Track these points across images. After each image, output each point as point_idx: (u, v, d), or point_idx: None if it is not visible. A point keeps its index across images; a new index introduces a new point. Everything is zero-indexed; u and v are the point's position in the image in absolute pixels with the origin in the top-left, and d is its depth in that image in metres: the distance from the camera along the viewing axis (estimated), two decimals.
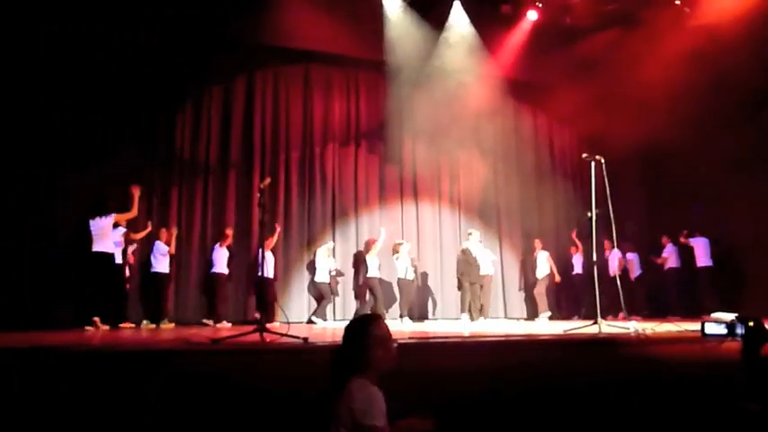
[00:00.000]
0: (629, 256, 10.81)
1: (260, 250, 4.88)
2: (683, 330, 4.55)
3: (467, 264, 9.67)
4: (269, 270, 9.07)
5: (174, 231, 8.83)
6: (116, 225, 7.70)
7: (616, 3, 10.52)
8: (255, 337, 4.03)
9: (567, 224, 11.69)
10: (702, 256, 10.11)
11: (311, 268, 9.87)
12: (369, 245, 9.78)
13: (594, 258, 5.15)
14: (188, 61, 9.32)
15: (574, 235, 11.03)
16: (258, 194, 4.46)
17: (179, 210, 9.32)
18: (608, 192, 5.25)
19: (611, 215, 5.34)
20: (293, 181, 10.20)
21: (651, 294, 10.77)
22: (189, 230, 9.31)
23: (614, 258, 10.21)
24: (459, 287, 9.76)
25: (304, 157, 10.32)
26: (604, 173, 5.22)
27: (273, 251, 9.47)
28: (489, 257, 10.19)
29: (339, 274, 10.04)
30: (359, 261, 10.17)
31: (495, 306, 11.07)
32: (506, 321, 10.55)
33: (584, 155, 5.44)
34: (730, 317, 5.40)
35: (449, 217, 11.23)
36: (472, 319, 9.46)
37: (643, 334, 4.14)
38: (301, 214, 10.19)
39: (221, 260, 9.09)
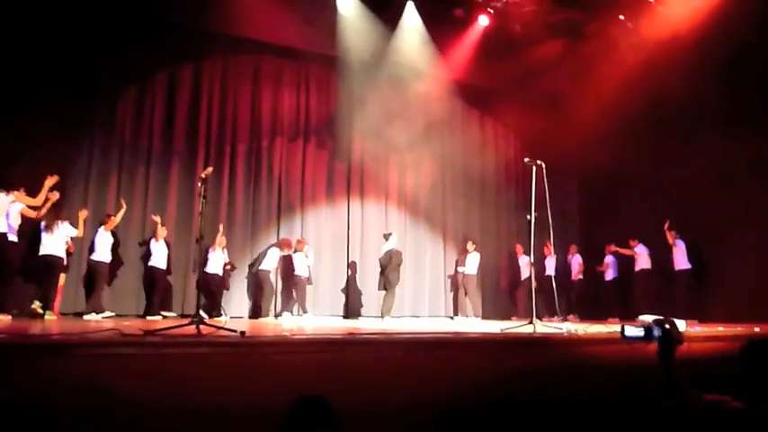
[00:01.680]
0: (607, 259, 10.97)
1: (200, 246, 4.76)
2: (613, 332, 4.74)
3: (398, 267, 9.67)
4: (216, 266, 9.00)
5: (83, 214, 8.07)
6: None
7: (563, 14, 10.84)
8: (192, 329, 3.95)
9: (508, 227, 12.00)
10: (680, 259, 9.72)
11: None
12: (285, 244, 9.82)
13: (532, 260, 5.31)
14: (131, 43, 8.99)
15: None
16: (199, 184, 4.35)
17: (116, 197, 8.97)
18: (547, 196, 5.40)
19: (550, 219, 5.52)
20: (239, 173, 10.02)
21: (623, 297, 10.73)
22: (127, 220, 8.96)
23: (551, 261, 10.57)
24: (387, 288, 9.56)
25: (251, 149, 10.17)
26: (545, 177, 5.39)
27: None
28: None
29: (233, 267, 9.63)
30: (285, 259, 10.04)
31: (433, 305, 11.24)
32: (442, 320, 10.75)
33: (527, 159, 5.59)
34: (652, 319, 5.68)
35: (395, 215, 11.29)
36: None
37: (575, 334, 4.30)
38: (246, 208, 10.03)
39: (156, 253, 8.74)
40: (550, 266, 11.33)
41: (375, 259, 10.71)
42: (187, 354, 3.05)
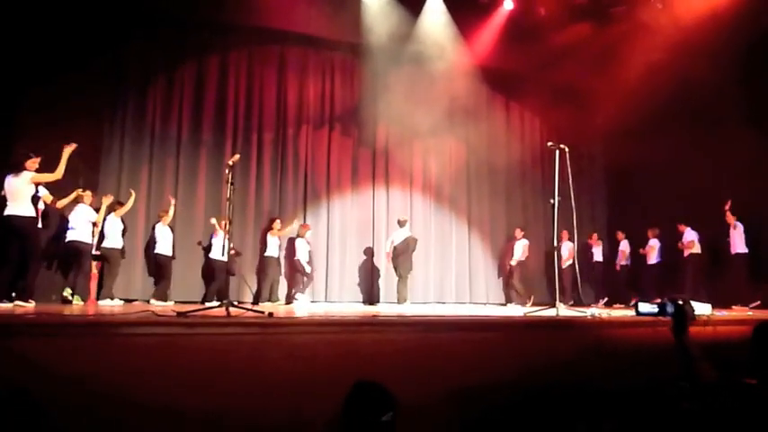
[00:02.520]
0: (651, 242, 10.77)
1: (229, 231, 4.89)
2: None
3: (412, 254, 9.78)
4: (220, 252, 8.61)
5: (106, 200, 7.98)
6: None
7: None
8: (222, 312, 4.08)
9: (535, 213, 11.95)
10: (738, 242, 9.38)
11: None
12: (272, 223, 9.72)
13: (555, 244, 5.32)
14: (159, 36, 9.21)
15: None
16: (227, 171, 4.46)
17: (149, 185, 9.23)
18: (570, 180, 5.40)
19: (573, 204, 5.50)
20: (265, 162, 10.18)
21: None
22: (158, 207, 9.20)
23: (567, 247, 10.76)
24: (403, 275, 9.72)
25: (277, 138, 10.31)
26: (567, 162, 5.37)
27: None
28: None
29: (237, 253, 9.57)
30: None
31: (460, 291, 11.28)
32: (474, 306, 10.78)
33: (550, 143, 5.57)
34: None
35: (419, 201, 11.33)
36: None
37: (599, 317, 4.31)
38: (273, 195, 10.19)
39: (162, 240, 8.77)
40: (598, 253, 11.34)
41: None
42: (216, 334, 3.17)
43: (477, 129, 11.56)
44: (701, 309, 5.12)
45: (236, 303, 4.19)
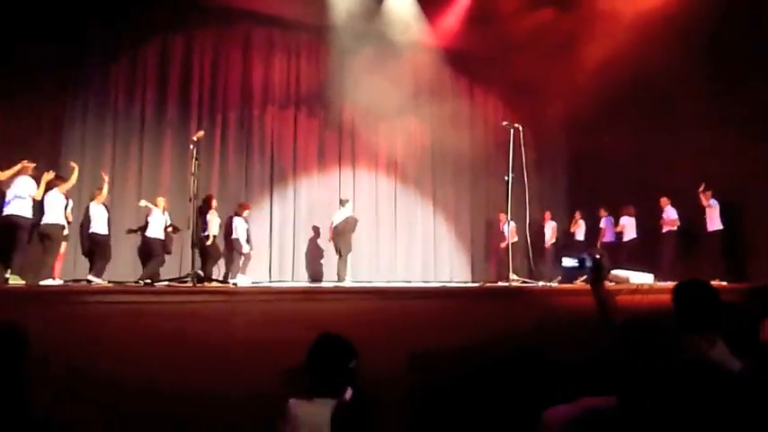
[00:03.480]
0: (623, 220, 10.75)
1: (193, 205, 4.99)
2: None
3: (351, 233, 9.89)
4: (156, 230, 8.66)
5: (47, 176, 7.47)
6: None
7: None
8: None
9: (498, 194, 12.23)
10: (715, 220, 9.48)
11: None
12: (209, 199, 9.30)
13: (509, 218, 5.56)
14: (122, 12, 9.09)
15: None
16: (191, 147, 4.55)
17: (112, 164, 9.18)
18: (524, 158, 5.63)
19: (526, 181, 5.73)
20: (230, 142, 10.20)
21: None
22: (122, 189, 9.17)
23: (550, 227, 11.27)
24: (342, 254, 9.75)
25: (242, 118, 10.32)
26: (521, 140, 5.60)
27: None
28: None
29: (176, 230, 9.19)
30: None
31: (425, 270, 11.54)
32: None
33: (505, 122, 5.79)
34: (628, 274, 5.98)
35: (385, 183, 11.51)
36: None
37: (546, 286, 4.57)
38: (238, 176, 10.23)
39: (97, 218, 8.27)
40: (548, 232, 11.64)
41: (365, 225, 10.92)
42: (184, 302, 3.31)
43: (442, 110, 11.72)
44: (643, 278, 5.46)
45: (202, 275, 4.30)
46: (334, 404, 2.22)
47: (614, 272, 5.31)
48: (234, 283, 8.21)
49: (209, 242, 8.97)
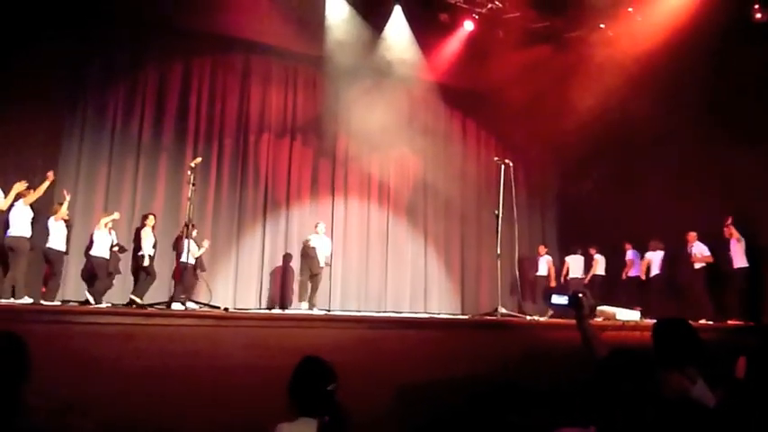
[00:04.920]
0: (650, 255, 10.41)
1: (188, 230, 5.03)
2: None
3: (306, 256, 9.93)
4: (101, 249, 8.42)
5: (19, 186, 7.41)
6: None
7: (545, 21, 11.21)
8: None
9: (489, 228, 12.34)
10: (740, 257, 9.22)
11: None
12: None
13: (498, 252, 5.63)
14: (123, 38, 9.26)
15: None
16: (189, 172, 4.62)
17: (107, 186, 9.23)
18: (513, 194, 5.73)
19: (515, 216, 5.83)
20: (225, 168, 10.28)
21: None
22: (116, 209, 9.15)
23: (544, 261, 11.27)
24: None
25: (238, 145, 10.43)
26: (512, 176, 5.71)
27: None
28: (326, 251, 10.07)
29: (122, 249, 9.12)
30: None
31: (414, 302, 11.52)
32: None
33: (496, 158, 5.91)
34: (615, 310, 6.03)
35: (377, 213, 11.58)
36: (310, 308, 9.49)
37: (534, 320, 4.61)
38: (232, 202, 10.28)
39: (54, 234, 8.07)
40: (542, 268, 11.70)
41: (356, 254, 10.95)
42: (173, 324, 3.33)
43: (435, 143, 11.91)
44: (629, 315, 5.52)
45: (192, 300, 4.32)
46: (316, 424, 2.28)
47: (601, 308, 5.37)
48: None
49: (144, 262, 8.76)
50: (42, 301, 7.34)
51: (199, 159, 4.85)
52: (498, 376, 3.85)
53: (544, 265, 11.80)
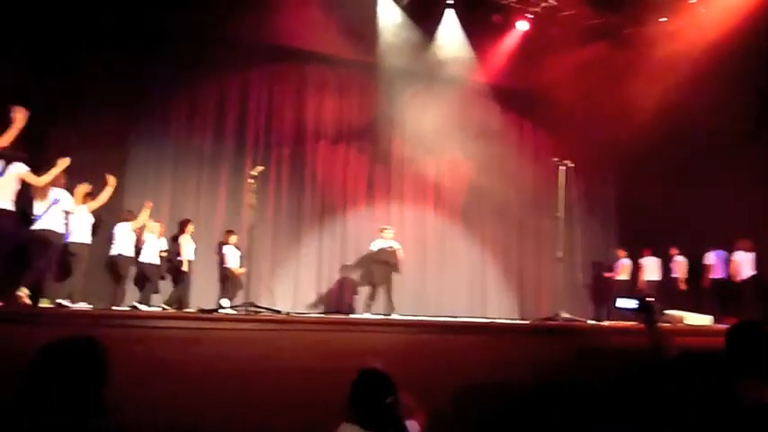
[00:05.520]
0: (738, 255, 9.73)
1: (251, 236, 5.16)
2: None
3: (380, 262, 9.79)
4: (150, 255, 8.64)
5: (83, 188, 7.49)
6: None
7: (601, 18, 10.93)
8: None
9: (547, 231, 12.07)
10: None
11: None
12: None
13: (560, 255, 5.51)
14: (183, 53, 9.62)
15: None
16: (251, 181, 4.75)
17: (171, 197, 9.61)
18: (572, 197, 5.57)
19: (575, 220, 5.68)
20: (284, 177, 10.51)
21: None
22: (180, 216, 9.53)
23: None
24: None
25: (295, 153, 10.64)
26: (570, 178, 5.55)
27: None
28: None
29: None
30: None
31: (473, 307, 11.40)
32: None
33: (555, 159, 5.78)
34: (683, 314, 5.80)
35: (432, 217, 11.55)
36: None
37: (597, 325, 4.49)
38: (290, 210, 10.50)
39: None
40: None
41: (413, 259, 10.93)
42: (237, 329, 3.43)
43: (490, 146, 11.71)
44: (699, 319, 5.29)
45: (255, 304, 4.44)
46: None
47: (669, 311, 5.18)
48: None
49: (184, 267, 9.04)
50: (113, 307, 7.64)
51: (260, 168, 4.96)
52: (554, 380, 3.77)
53: (625, 269, 11.36)
